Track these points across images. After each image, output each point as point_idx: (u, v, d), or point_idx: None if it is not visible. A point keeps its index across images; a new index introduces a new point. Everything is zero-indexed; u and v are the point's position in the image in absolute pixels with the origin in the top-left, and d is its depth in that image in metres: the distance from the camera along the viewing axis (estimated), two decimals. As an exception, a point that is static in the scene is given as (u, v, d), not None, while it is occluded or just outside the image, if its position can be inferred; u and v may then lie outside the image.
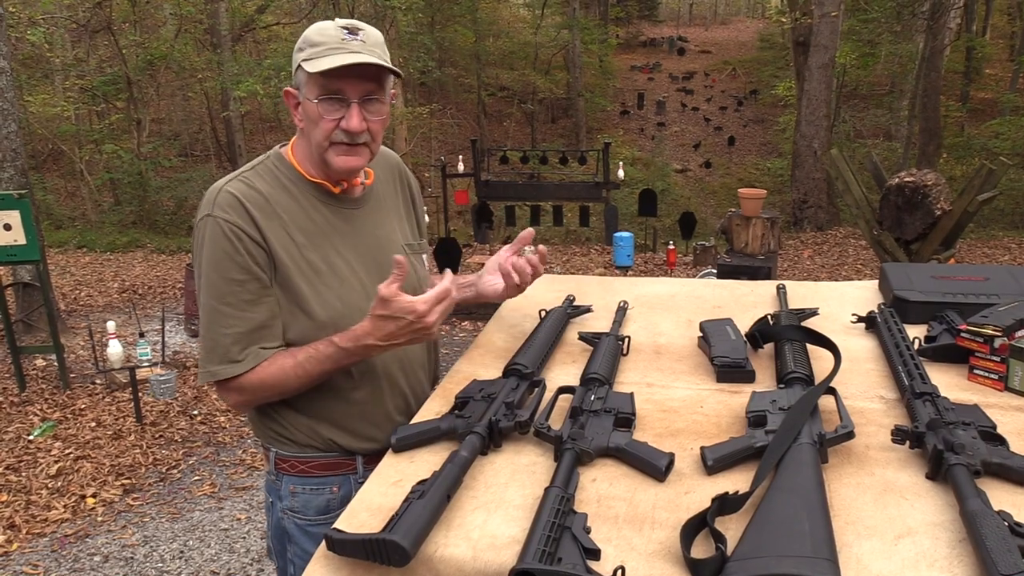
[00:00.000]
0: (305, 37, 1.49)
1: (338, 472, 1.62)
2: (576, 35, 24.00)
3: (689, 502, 1.16)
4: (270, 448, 1.66)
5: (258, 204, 1.50)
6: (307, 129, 1.53)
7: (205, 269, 1.50)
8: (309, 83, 1.47)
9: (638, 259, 11.35)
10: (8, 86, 7.80)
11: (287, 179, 1.56)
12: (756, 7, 44.54)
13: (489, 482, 1.23)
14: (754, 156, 24.51)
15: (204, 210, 1.51)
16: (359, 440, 1.61)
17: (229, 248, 1.47)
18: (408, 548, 1.04)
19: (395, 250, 1.63)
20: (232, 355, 1.49)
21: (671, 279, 2.05)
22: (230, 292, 1.48)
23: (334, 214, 1.59)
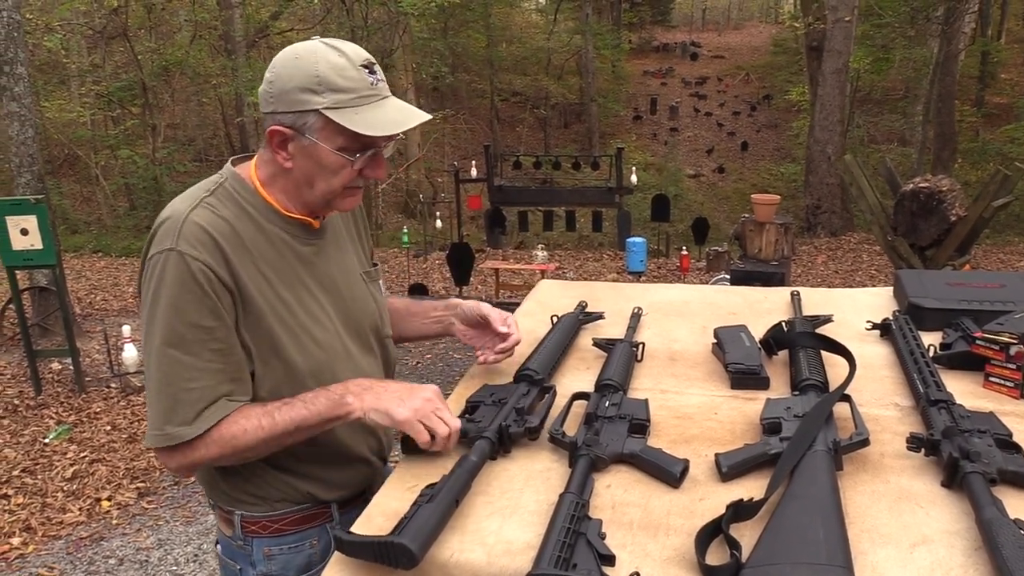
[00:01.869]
0: (319, 77, 1.31)
1: (315, 524, 1.50)
2: (589, 40, 24.01)
3: (704, 508, 1.16)
4: (233, 511, 1.48)
5: (227, 237, 1.33)
6: (309, 174, 1.37)
7: (164, 312, 1.30)
8: (330, 132, 1.33)
9: (651, 264, 11.34)
10: (26, 92, 7.88)
11: (250, 206, 1.40)
12: (769, 12, 44.43)
13: (504, 488, 1.24)
14: (767, 161, 24.42)
15: (165, 242, 1.31)
16: (336, 489, 1.50)
17: (197, 291, 1.29)
18: (415, 551, 1.04)
19: (355, 281, 1.54)
20: (194, 413, 1.31)
21: (685, 285, 2.05)
22: (196, 340, 1.30)
23: (301, 245, 1.45)
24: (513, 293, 9.92)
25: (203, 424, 1.31)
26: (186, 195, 1.39)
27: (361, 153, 1.36)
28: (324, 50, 1.33)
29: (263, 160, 1.42)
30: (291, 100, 1.32)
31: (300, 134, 1.33)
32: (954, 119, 17.00)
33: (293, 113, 1.32)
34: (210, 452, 1.33)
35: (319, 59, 1.31)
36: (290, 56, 1.34)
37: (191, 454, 1.33)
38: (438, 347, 7.69)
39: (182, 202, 1.37)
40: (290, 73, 1.32)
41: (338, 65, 1.32)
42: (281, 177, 1.40)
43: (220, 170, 1.45)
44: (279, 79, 1.33)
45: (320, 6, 17.60)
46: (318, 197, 1.40)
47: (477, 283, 10.46)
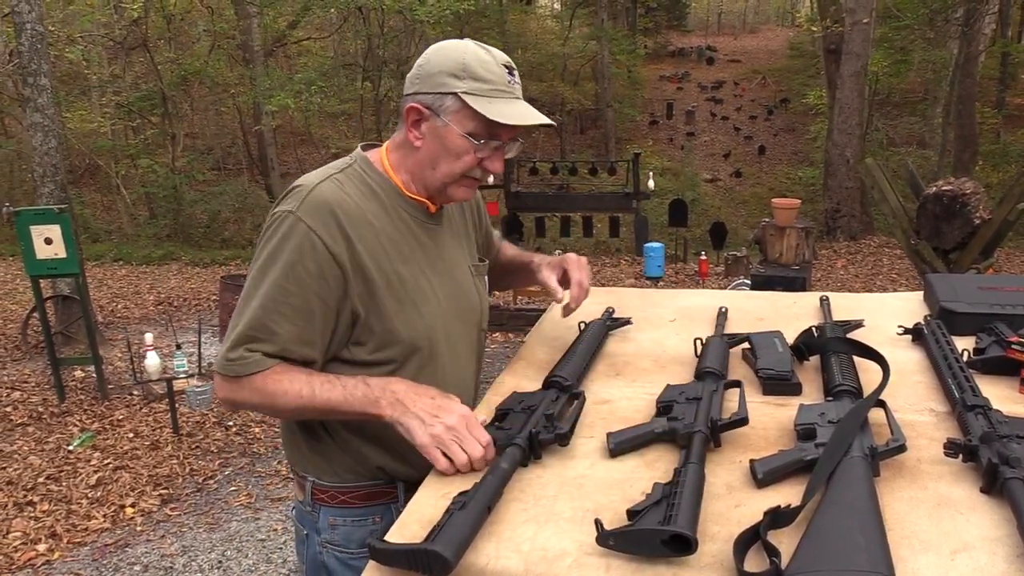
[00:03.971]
0: (465, 65, 1.43)
1: (380, 502, 1.56)
2: (604, 46, 24.00)
3: (740, 515, 1.15)
4: (307, 477, 1.58)
5: (349, 211, 1.42)
6: (435, 155, 1.47)
7: (263, 263, 1.42)
8: (463, 116, 1.43)
9: (669, 270, 11.30)
10: (48, 103, 7.98)
11: (376, 185, 1.51)
12: (785, 15, 44.28)
13: (537, 495, 1.23)
14: (785, 165, 24.31)
15: (290, 203, 1.42)
16: (407, 465, 1.52)
17: (296, 258, 1.39)
18: (449, 558, 1.04)
19: (464, 272, 1.64)
20: (236, 352, 1.42)
21: (712, 291, 2.04)
22: (273, 298, 1.40)
23: (420, 228, 1.54)
24: (531, 299, 9.91)
25: (249, 366, 1.41)
26: (320, 170, 1.50)
27: (486, 141, 1.45)
28: (473, 46, 1.47)
29: (395, 143, 1.53)
30: (435, 82, 1.43)
31: (436, 114, 1.44)
32: (974, 121, 16.85)
33: (433, 94, 1.43)
34: (252, 398, 1.44)
35: (467, 51, 1.45)
36: (440, 48, 1.48)
37: (236, 389, 1.44)
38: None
39: (314, 175, 1.48)
40: (439, 59, 1.45)
41: (482, 59, 1.44)
42: (410, 156, 1.50)
43: (350, 154, 1.58)
44: (428, 63, 1.46)
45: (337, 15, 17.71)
46: (438, 180, 1.49)
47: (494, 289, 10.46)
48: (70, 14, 16.66)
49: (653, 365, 1.66)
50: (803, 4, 40.27)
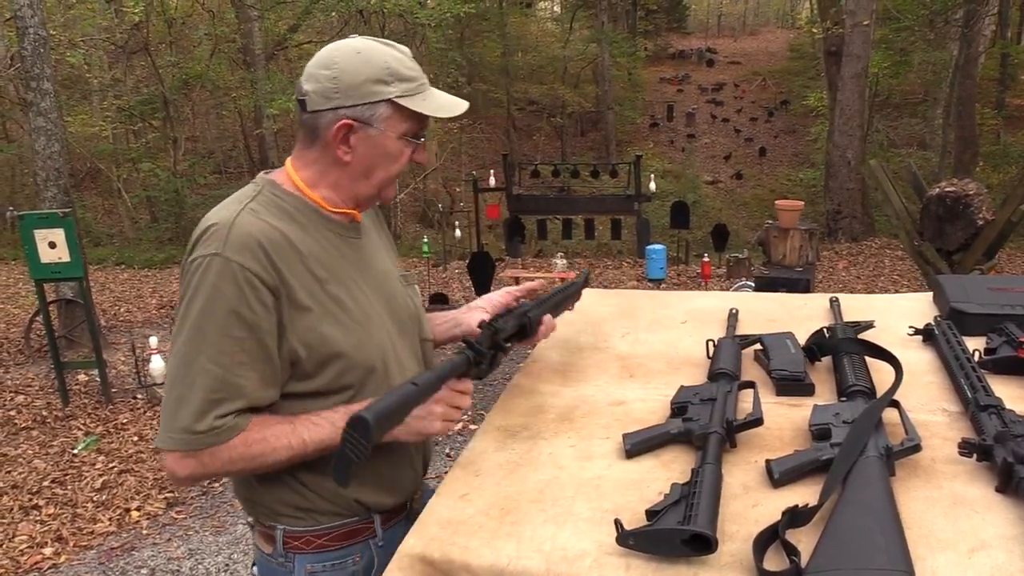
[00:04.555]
0: (390, 69, 1.38)
1: (358, 540, 1.48)
2: (605, 48, 24.03)
3: (757, 515, 1.16)
4: (275, 526, 1.46)
5: (274, 242, 1.34)
6: (369, 164, 1.42)
7: (198, 316, 1.30)
8: (397, 119, 1.40)
9: (670, 272, 11.30)
10: (52, 107, 7.99)
11: (292, 208, 1.41)
12: (785, 17, 44.33)
13: (555, 496, 1.24)
14: (785, 167, 24.32)
15: (211, 246, 1.31)
16: (387, 494, 1.49)
17: (237, 300, 1.29)
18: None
19: (394, 282, 1.56)
20: (206, 422, 1.29)
21: (722, 293, 2.05)
22: (224, 351, 1.29)
23: (346, 245, 1.47)
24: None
25: (225, 434, 1.30)
26: (228, 203, 1.40)
27: (416, 139, 1.43)
28: (381, 46, 1.40)
29: (306, 161, 1.44)
30: (362, 92, 1.37)
31: (368, 124, 1.38)
32: (975, 122, 16.87)
33: (363, 105, 1.37)
34: (231, 466, 1.33)
35: (384, 53, 1.39)
36: (349, 52, 1.38)
37: (209, 462, 1.32)
38: (460, 356, 7.69)
39: (226, 209, 1.37)
40: (358, 67, 1.36)
41: (399, 58, 1.40)
42: (334, 172, 1.43)
43: (253, 180, 1.47)
44: (345, 74, 1.36)
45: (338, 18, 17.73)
46: (373, 187, 1.45)
47: (497, 292, 10.47)
48: (71, 18, 16.66)
49: (666, 367, 1.67)
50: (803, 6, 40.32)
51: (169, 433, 1.31)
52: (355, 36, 1.43)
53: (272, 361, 1.34)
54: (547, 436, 1.41)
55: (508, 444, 1.40)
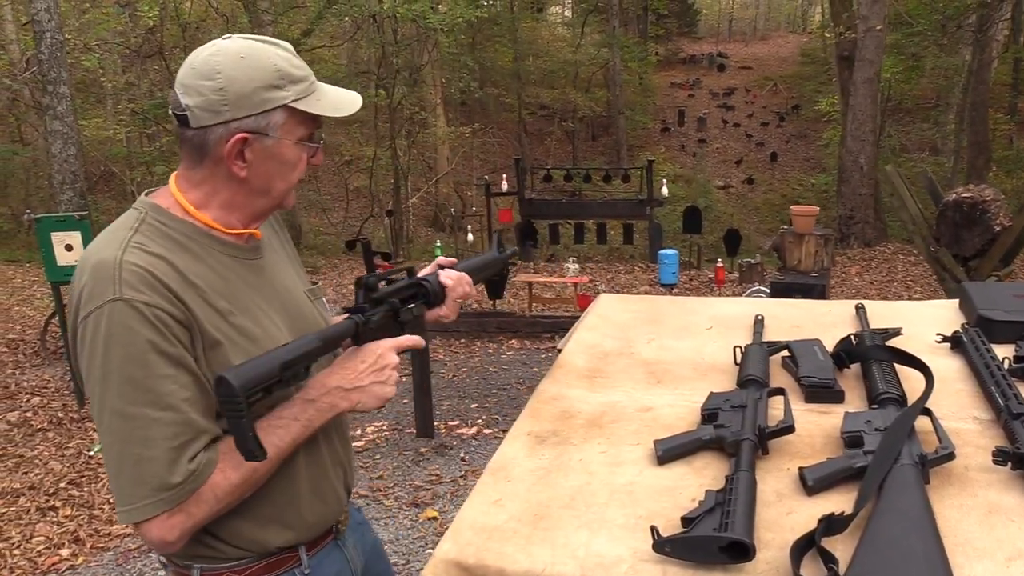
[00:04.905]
0: (280, 71, 1.27)
1: (283, 569, 1.38)
2: (616, 53, 24.04)
3: (792, 522, 1.16)
4: (191, 566, 1.34)
5: (169, 275, 1.22)
6: (268, 176, 1.31)
7: (119, 368, 1.17)
8: (292, 124, 1.29)
9: (683, 276, 11.29)
10: (68, 111, 8.06)
11: (181, 235, 1.29)
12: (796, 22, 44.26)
13: (588, 502, 1.24)
14: (797, 172, 24.27)
15: (105, 293, 1.17)
16: (308, 530, 1.40)
17: (156, 337, 1.17)
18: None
19: (301, 300, 1.46)
20: (181, 471, 1.18)
21: (746, 299, 2.05)
22: (165, 393, 1.18)
23: (243, 267, 1.35)
24: (546, 306, 9.92)
25: (204, 473, 1.20)
26: (106, 239, 1.26)
27: (313, 141, 1.34)
28: (262, 46, 1.28)
29: (193, 181, 1.32)
30: (254, 102, 1.25)
31: (264, 135, 1.27)
32: (988, 127, 16.80)
33: (256, 115, 1.26)
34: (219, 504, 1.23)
35: (270, 54, 1.27)
36: (232, 58, 1.25)
37: (196, 511, 1.21)
38: (473, 360, 7.72)
39: (106, 247, 1.23)
40: (247, 74, 1.24)
41: (286, 57, 1.29)
42: (226, 190, 1.31)
43: (134, 205, 1.34)
44: (234, 83, 1.24)
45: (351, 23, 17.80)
46: (273, 200, 1.35)
47: (510, 296, 10.49)
48: (86, 22, 16.77)
49: (693, 372, 1.67)
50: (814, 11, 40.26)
51: (142, 501, 1.18)
52: (230, 36, 1.30)
53: (208, 393, 1.23)
54: (576, 442, 1.41)
55: (538, 450, 1.40)
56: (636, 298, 2.06)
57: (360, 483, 4.89)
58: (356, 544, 1.55)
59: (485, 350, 8.16)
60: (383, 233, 16.97)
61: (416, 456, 5.31)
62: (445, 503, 4.55)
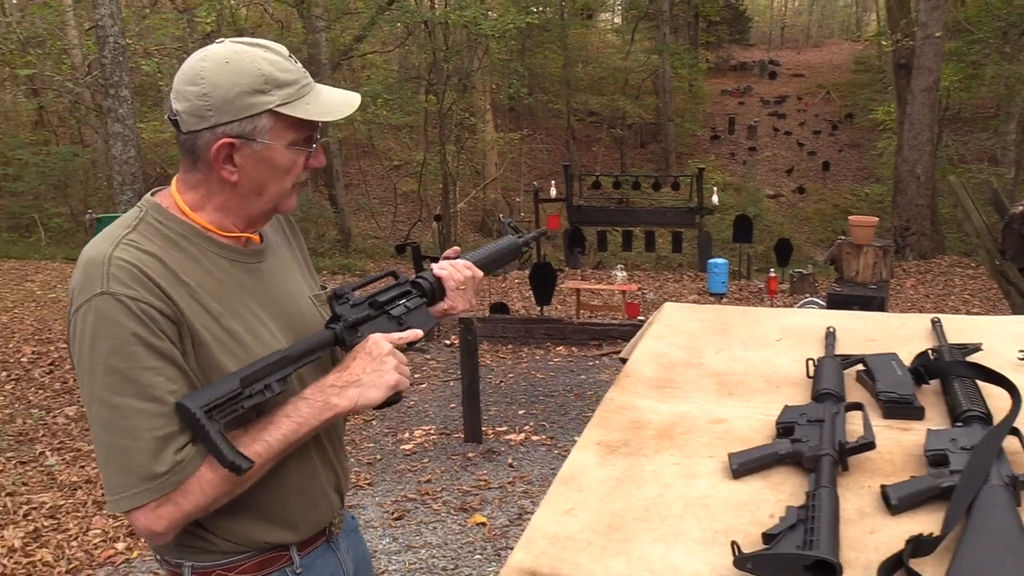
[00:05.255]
0: (265, 75, 1.26)
1: (273, 569, 1.39)
2: (666, 60, 23.92)
3: (876, 542, 1.12)
4: (182, 563, 1.35)
5: (159, 272, 1.23)
6: (259, 181, 1.30)
7: (105, 360, 1.19)
8: (281, 127, 1.28)
9: (732, 286, 11.17)
10: (129, 114, 8.25)
11: (178, 235, 1.30)
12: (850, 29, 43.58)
13: (662, 514, 1.22)
14: (850, 181, 23.87)
15: (93, 287, 1.20)
16: (296, 531, 1.41)
17: (141, 330, 1.19)
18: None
19: (304, 305, 1.46)
20: (167, 460, 1.19)
21: (817, 310, 2.00)
22: (149, 385, 1.19)
23: (241, 271, 1.35)
24: (593, 313, 9.88)
25: (191, 465, 1.21)
26: (103, 236, 1.28)
27: (307, 144, 1.33)
28: (251, 49, 1.28)
29: (189, 184, 1.33)
30: (237, 107, 1.25)
31: (250, 140, 1.26)
32: (1051, 137, 16.35)
33: (241, 120, 1.25)
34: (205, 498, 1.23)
35: (256, 58, 1.26)
36: (217, 63, 1.26)
37: (183, 502, 1.22)
38: (520, 366, 7.71)
39: (101, 243, 1.26)
40: (230, 79, 1.24)
41: (275, 61, 1.28)
42: (220, 194, 1.32)
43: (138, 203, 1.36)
44: (217, 88, 1.24)
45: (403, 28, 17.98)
46: (267, 204, 1.34)
47: (557, 303, 10.47)
48: (146, 28, 17.20)
49: (765, 385, 1.63)
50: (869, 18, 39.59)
51: (129, 490, 1.19)
52: (223, 40, 1.31)
53: (195, 386, 1.25)
54: (648, 453, 1.39)
55: (609, 460, 1.38)
56: (703, 307, 2.03)
57: (408, 486, 4.92)
58: (349, 549, 1.57)
59: (532, 356, 8.16)
60: (431, 237, 17.09)
61: (464, 461, 5.32)
62: (493, 509, 4.55)
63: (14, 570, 4.02)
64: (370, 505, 4.67)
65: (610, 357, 7.97)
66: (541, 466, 5.18)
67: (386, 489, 4.91)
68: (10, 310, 10.02)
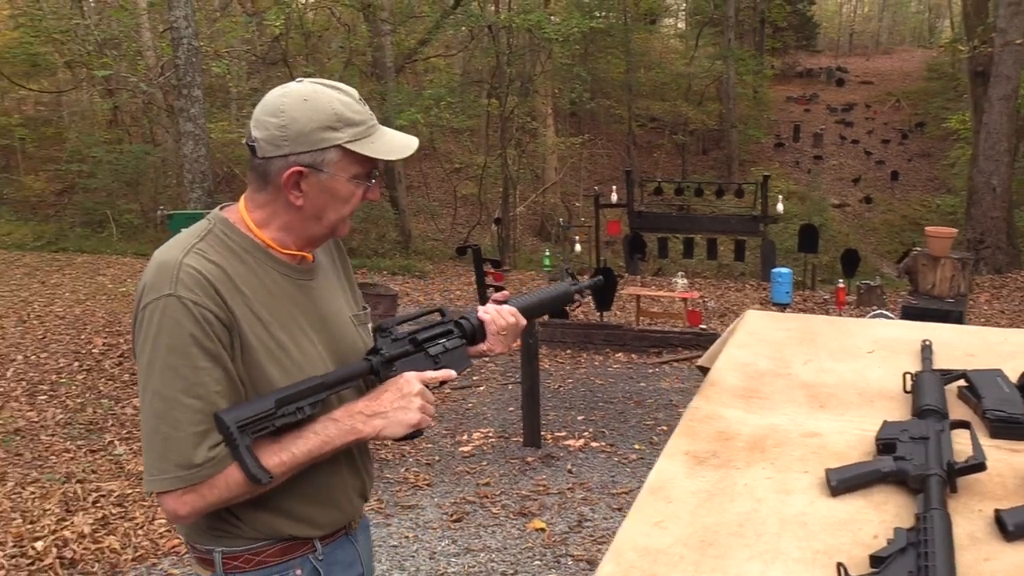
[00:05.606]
0: (338, 115, 1.40)
1: (297, 554, 1.50)
2: (731, 66, 23.59)
3: (991, 570, 1.05)
4: (212, 550, 1.46)
5: (220, 280, 1.37)
6: (321, 207, 1.44)
7: (164, 355, 1.32)
8: (347, 162, 1.42)
9: (796, 297, 10.93)
10: (200, 113, 8.44)
11: (241, 248, 1.44)
12: (922, 35, 42.45)
13: (758, 531, 1.16)
14: (920, 192, 23.22)
15: (162, 288, 1.34)
16: (319, 528, 1.51)
17: (199, 332, 1.33)
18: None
19: (345, 324, 1.58)
20: (201, 454, 1.32)
21: (909, 322, 1.91)
22: (198, 383, 1.32)
23: (292, 286, 1.48)
24: (653, 320, 9.76)
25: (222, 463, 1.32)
26: (175, 242, 1.42)
27: (367, 178, 1.45)
28: (328, 90, 1.42)
29: (257, 203, 1.46)
30: (311, 140, 1.38)
31: (318, 170, 1.40)
32: None
33: (312, 152, 1.39)
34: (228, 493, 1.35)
35: (331, 99, 1.40)
36: (297, 100, 1.40)
37: (208, 493, 1.34)
38: (579, 372, 7.65)
39: (172, 249, 1.40)
40: (307, 115, 1.38)
41: (347, 102, 1.42)
42: (284, 214, 1.45)
43: (207, 216, 1.49)
44: (294, 122, 1.38)
45: (467, 33, 18.07)
46: (325, 228, 1.47)
47: (615, 309, 10.37)
48: (216, 31, 17.60)
49: (859, 398, 1.56)
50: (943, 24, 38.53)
51: (163, 475, 1.32)
52: (302, 79, 1.45)
53: (239, 391, 1.38)
54: (739, 465, 1.34)
55: (698, 471, 1.33)
56: (787, 316, 1.96)
57: (467, 488, 4.90)
58: (364, 543, 1.67)
59: (591, 362, 8.09)
60: (489, 240, 17.12)
61: (522, 465, 5.28)
62: (552, 515, 4.50)
63: (83, 555, 4.11)
64: (429, 506, 4.66)
65: (670, 365, 7.85)
66: (600, 473, 5.12)
67: (444, 491, 4.90)
68: (83, 302, 10.32)
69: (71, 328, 8.90)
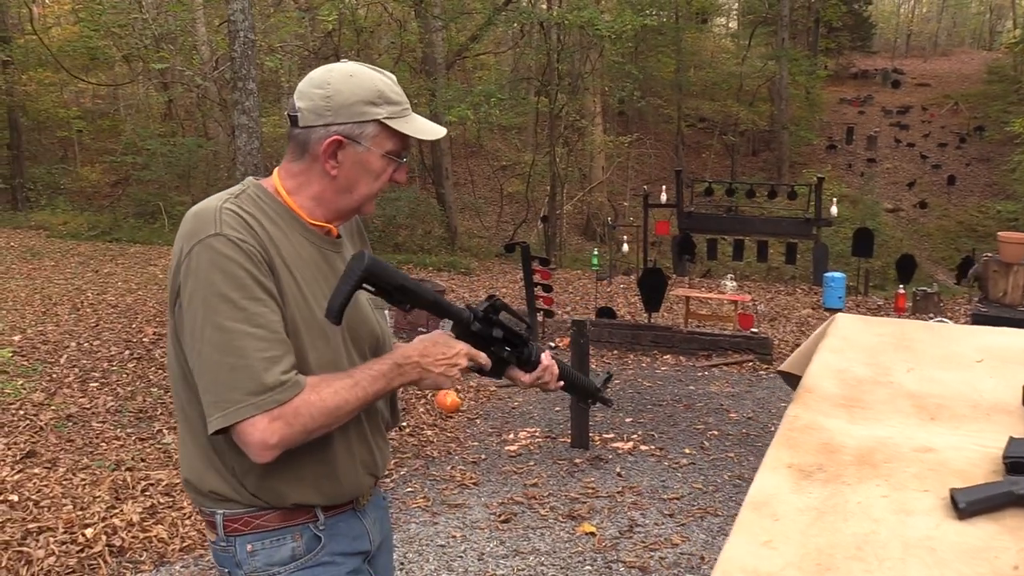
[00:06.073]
0: (380, 92, 1.46)
1: (296, 522, 1.50)
2: (783, 66, 23.19)
3: None
4: (215, 512, 1.49)
5: (259, 229, 1.41)
6: (353, 179, 1.48)
7: (222, 288, 1.34)
8: (382, 138, 1.47)
9: (848, 302, 10.67)
10: (254, 107, 8.47)
11: (273, 211, 1.47)
12: (982, 37, 41.36)
13: (880, 555, 1.05)
14: (977, 197, 22.58)
15: (207, 229, 1.36)
16: (322, 497, 1.51)
17: (251, 267, 1.35)
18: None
19: (363, 304, 1.58)
20: (272, 377, 1.33)
21: (1014, 329, 1.78)
22: (258, 312, 1.34)
23: (318, 255, 1.51)
24: (701, 323, 9.58)
25: (293, 388, 1.33)
26: (211, 198, 1.46)
27: (399, 158, 1.50)
28: (371, 71, 1.48)
29: (291, 172, 1.49)
30: (353, 112, 1.44)
31: (356, 142, 1.45)
32: None
33: (352, 123, 1.44)
34: (313, 422, 1.36)
35: (373, 77, 1.46)
36: (343, 75, 1.46)
37: (294, 421, 1.34)
38: (626, 373, 7.52)
39: (208, 201, 1.43)
40: (351, 88, 1.44)
41: (388, 83, 1.48)
42: (317, 184, 1.48)
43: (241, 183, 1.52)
44: (339, 94, 1.44)
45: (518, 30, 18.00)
46: (354, 202, 1.51)
47: (664, 310, 10.20)
48: (270, 25, 17.77)
49: (972, 411, 1.44)
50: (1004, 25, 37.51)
51: (239, 405, 1.31)
52: (346, 60, 1.52)
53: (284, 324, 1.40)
54: (849, 481, 1.22)
55: (804, 486, 1.22)
56: (879, 320, 1.84)
57: (514, 488, 4.81)
58: (376, 521, 1.66)
59: (639, 363, 7.95)
60: (535, 238, 17.03)
61: (571, 467, 5.18)
62: (602, 519, 4.39)
63: (132, 544, 4.10)
64: (476, 505, 4.58)
65: (720, 369, 7.69)
66: (650, 477, 5.00)
67: (492, 490, 4.81)
68: (134, 292, 10.45)
69: (123, 317, 9.00)
